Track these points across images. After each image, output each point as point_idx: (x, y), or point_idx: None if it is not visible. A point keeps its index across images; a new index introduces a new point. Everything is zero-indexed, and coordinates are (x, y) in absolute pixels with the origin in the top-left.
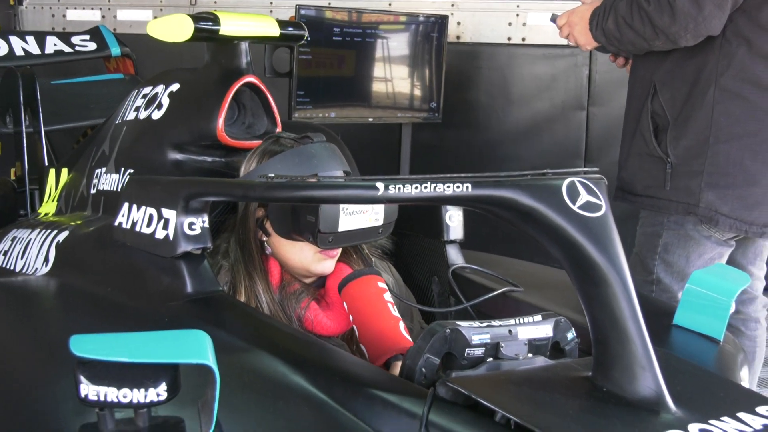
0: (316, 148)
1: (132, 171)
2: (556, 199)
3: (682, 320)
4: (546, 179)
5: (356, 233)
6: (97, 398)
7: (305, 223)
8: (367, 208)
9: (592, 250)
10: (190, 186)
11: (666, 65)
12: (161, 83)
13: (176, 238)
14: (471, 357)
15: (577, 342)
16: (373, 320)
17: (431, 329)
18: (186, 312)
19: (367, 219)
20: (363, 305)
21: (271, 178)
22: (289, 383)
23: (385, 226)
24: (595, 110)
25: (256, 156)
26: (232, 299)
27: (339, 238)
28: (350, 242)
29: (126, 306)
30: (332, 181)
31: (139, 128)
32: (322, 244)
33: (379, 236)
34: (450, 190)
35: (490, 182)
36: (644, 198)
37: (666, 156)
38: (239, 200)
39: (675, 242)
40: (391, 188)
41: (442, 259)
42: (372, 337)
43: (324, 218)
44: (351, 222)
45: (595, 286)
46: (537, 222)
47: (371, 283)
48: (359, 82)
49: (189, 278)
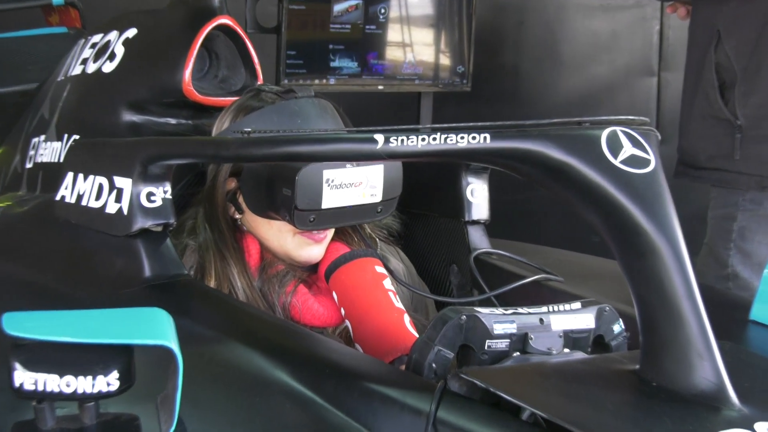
0: (302, 105)
1: (78, 137)
2: (594, 153)
3: (760, 315)
4: (582, 129)
5: (346, 212)
6: (34, 388)
7: (281, 198)
8: (360, 180)
9: (637, 213)
10: (148, 147)
11: (731, 5)
12: (114, 29)
13: (132, 212)
14: (493, 350)
15: (625, 337)
16: (371, 314)
17: (443, 316)
18: (144, 300)
19: (359, 194)
20: (357, 296)
21: (247, 133)
22: (267, 377)
23: (386, 203)
24: (668, 76)
25: (229, 113)
26: (200, 284)
27: (323, 217)
28: (339, 223)
29: (70, 296)
30: (319, 133)
31: (86, 85)
32: (301, 224)
33: (378, 216)
34: (464, 142)
35: (514, 132)
36: (710, 171)
37: (734, 117)
38: (208, 161)
39: (753, 226)
40: (393, 141)
41: (462, 243)
42: (369, 335)
43: (302, 191)
44: (338, 197)
45: (641, 257)
46: (570, 180)
47: (367, 267)
48: (367, 41)
49: (147, 260)
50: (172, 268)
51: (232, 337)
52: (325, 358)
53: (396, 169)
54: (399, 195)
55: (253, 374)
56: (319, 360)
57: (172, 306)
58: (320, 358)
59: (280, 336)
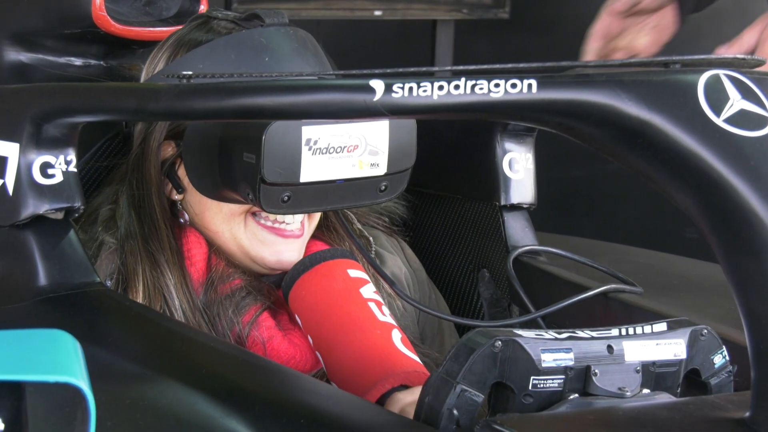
0: (271, 35)
1: None
2: (688, 107)
3: None
4: (670, 73)
5: (335, 190)
6: None
7: (241, 167)
8: (356, 142)
9: (749, 193)
10: (42, 98)
11: None
12: None
13: (19, 191)
14: (540, 391)
15: (730, 372)
16: (344, 336)
17: (469, 342)
18: (38, 318)
19: (354, 163)
20: (323, 314)
21: (187, 78)
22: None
23: (393, 179)
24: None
25: (165, 50)
26: (119, 296)
27: (301, 195)
28: (324, 205)
29: None
30: (291, 78)
31: None
32: (270, 205)
33: (383, 197)
34: (500, 91)
35: (571, 78)
36: None
37: None
38: (131, 119)
39: None
40: (398, 90)
41: (496, 237)
42: (344, 366)
43: (271, 156)
44: (324, 167)
45: (755, 257)
46: (653, 147)
47: (334, 273)
48: None
49: (42, 261)
50: (78, 274)
51: (165, 373)
52: (299, 403)
53: (408, 129)
54: (411, 167)
55: (195, 424)
56: (290, 405)
57: (78, 327)
58: (291, 402)
59: (235, 371)
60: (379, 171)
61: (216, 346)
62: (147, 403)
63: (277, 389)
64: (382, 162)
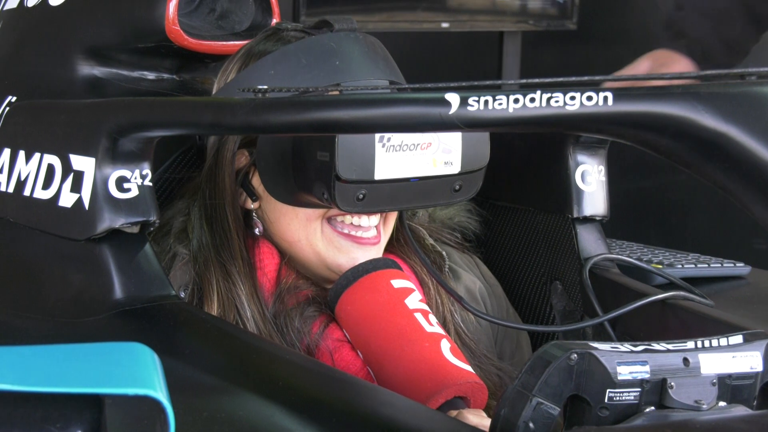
0: (341, 40)
1: (14, 99)
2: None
3: None
4: (747, 85)
5: (410, 188)
6: None
7: (316, 166)
8: (429, 138)
9: None
10: (117, 113)
11: None
12: None
13: (95, 206)
14: (616, 404)
15: None
16: (392, 350)
17: (544, 354)
18: (115, 332)
19: (428, 161)
20: (369, 329)
21: (263, 92)
22: None
23: (467, 178)
24: None
25: (237, 60)
26: (195, 310)
27: (376, 193)
28: (400, 204)
29: (9, 326)
30: (368, 92)
31: (25, 24)
32: (345, 203)
33: (457, 197)
34: (576, 104)
35: (647, 90)
36: None
37: None
38: (206, 133)
39: None
40: (473, 103)
41: (569, 249)
42: (396, 379)
43: (345, 153)
44: (398, 164)
45: None
46: (729, 159)
47: (378, 285)
48: None
49: (118, 275)
50: (154, 287)
51: (242, 385)
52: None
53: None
54: (485, 167)
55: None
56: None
57: (155, 340)
58: (368, 415)
59: (312, 383)
60: (453, 170)
61: (292, 359)
62: (225, 416)
63: (353, 401)
64: (455, 160)
